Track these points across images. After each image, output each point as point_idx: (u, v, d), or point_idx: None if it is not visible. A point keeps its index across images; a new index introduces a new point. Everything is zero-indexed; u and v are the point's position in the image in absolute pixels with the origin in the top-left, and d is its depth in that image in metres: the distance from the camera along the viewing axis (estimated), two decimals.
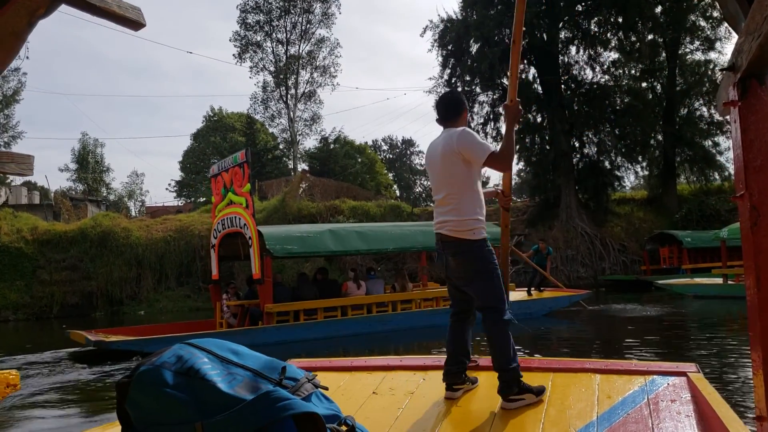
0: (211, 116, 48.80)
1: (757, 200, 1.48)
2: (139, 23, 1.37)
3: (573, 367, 3.16)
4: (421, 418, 2.65)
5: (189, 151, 47.51)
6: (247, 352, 1.43)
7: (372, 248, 12.54)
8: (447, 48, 26.18)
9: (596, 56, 24.97)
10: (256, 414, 1.22)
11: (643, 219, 24.63)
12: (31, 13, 1.27)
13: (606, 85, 24.97)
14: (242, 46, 37.85)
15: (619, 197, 27.53)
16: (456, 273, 2.97)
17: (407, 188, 62.08)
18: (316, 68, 39.20)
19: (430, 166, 3.08)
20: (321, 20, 37.98)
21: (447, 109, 3.08)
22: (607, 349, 8.63)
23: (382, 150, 62.25)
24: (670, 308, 13.57)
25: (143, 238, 22.45)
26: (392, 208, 25.71)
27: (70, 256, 21.69)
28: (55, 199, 31.06)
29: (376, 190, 36.32)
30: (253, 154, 42.42)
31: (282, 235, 11.17)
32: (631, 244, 23.26)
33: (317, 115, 41.14)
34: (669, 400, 2.58)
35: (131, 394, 1.31)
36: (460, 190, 2.90)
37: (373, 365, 3.45)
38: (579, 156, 25.79)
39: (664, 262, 20.91)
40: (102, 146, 46.14)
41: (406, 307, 11.61)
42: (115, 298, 21.46)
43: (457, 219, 2.88)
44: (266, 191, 31.77)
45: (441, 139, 3.01)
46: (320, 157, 38.95)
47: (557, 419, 2.53)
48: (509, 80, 3.31)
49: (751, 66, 1.43)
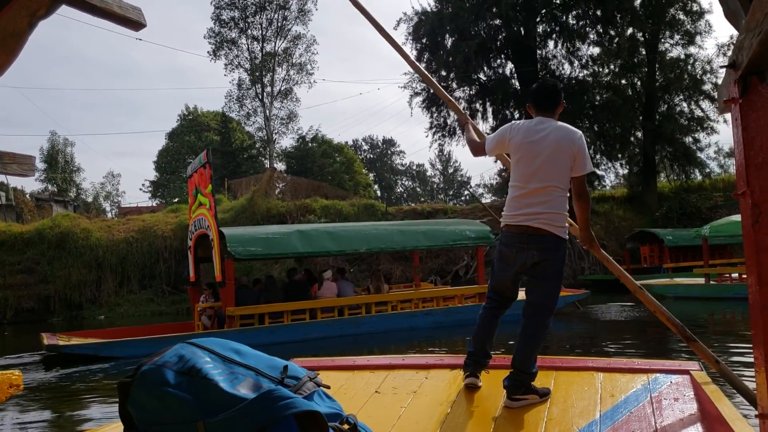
0: (186, 115, 48.89)
1: (759, 198, 1.52)
2: (140, 23, 1.42)
3: (576, 366, 3.26)
4: (423, 417, 2.70)
5: (164, 150, 47.57)
6: (249, 351, 1.49)
7: (344, 249, 12.52)
8: (421, 41, 26.29)
9: (574, 50, 25.34)
10: (258, 413, 1.28)
11: (623, 217, 25.06)
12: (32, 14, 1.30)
13: (584, 80, 25.35)
14: (217, 43, 37.93)
15: (599, 195, 27.94)
16: (537, 268, 2.95)
17: (388, 188, 63.01)
18: (293, 65, 39.34)
19: (528, 149, 3.00)
20: (297, 17, 38.16)
21: (550, 97, 3.15)
22: (599, 352, 8.80)
23: (363, 150, 63.09)
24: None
25: (104, 239, 22.11)
26: (366, 207, 25.75)
27: (26, 258, 21.26)
28: (16, 198, 30.29)
29: (354, 190, 36.51)
30: (229, 153, 42.96)
31: (245, 236, 11.22)
32: (610, 242, 23.60)
33: (294, 113, 41.28)
34: (672, 398, 2.66)
35: (133, 393, 1.37)
36: (564, 185, 2.97)
37: (375, 364, 3.53)
38: None
39: (645, 261, 21.18)
40: (72, 145, 45.77)
41: (381, 309, 11.60)
42: (74, 302, 21.11)
43: (553, 212, 2.92)
44: (236, 190, 31.59)
45: (552, 128, 3.02)
46: (297, 156, 39.14)
47: (560, 418, 2.60)
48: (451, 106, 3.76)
49: (751, 63, 1.47)
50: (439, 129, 27.15)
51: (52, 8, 1.33)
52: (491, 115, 26.65)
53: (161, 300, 21.55)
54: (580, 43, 25.04)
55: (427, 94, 26.85)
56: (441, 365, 3.44)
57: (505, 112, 25.95)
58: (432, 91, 26.80)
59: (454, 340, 10.23)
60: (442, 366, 3.42)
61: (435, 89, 4.19)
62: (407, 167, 66.41)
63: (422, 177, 67.21)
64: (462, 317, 11.51)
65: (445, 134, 27.20)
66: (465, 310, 11.67)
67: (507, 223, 3.03)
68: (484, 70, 26.40)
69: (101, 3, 1.30)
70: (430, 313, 11.78)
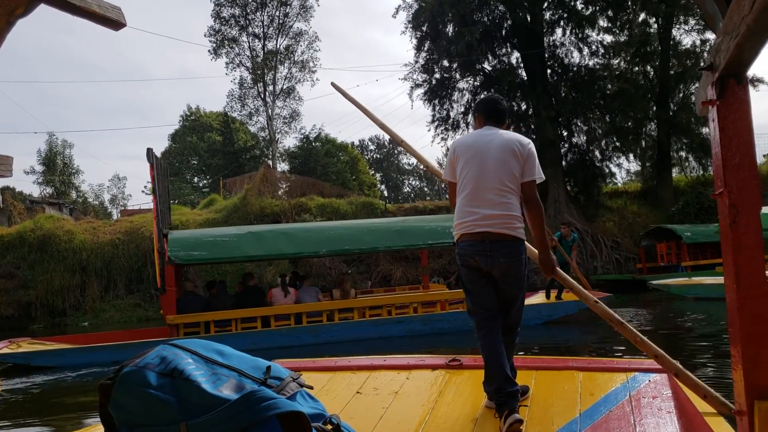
0: (188, 115, 50.12)
1: (736, 198, 1.64)
2: (120, 23, 1.47)
3: (556, 366, 3.43)
4: (405, 418, 2.84)
5: (166, 152, 48.54)
6: (232, 352, 1.55)
7: (300, 251, 11.86)
8: (421, 29, 26.32)
9: (584, 37, 25.34)
10: (241, 413, 1.34)
11: (637, 213, 25.03)
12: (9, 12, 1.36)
13: (595, 68, 25.37)
14: (217, 42, 38.70)
15: (612, 190, 27.95)
16: (506, 278, 2.98)
17: (395, 188, 64.12)
18: (295, 63, 40.14)
19: (474, 154, 3.08)
20: (299, 13, 38.89)
21: (501, 112, 3.29)
22: (590, 352, 8.84)
23: (369, 150, 64.23)
24: (668, 311, 13.37)
25: (88, 241, 22.17)
26: (364, 205, 25.82)
27: (5, 262, 21.35)
28: (4, 200, 30.42)
29: (359, 190, 37.01)
30: (231, 153, 43.98)
31: (190, 240, 11.12)
32: (624, 240, 23.61)
33: (296, 112, 42.40)
34: (650, 397, 2.81)
35: (114, 395, 1.43)
36: (515, 189, 3.02)
37: (357, 365, 3.68)
38: (567, 146, 26.18)
39: (661, 259, 20.97)
40: (71, 147, 46.63)
41: (346, 317, 11.16)
42: (57, 308, 21.19)
43: (509, 214, 2.97)
44: (230, 189, 31.82)
45: (499, 134, 3.13)
46: (301, 156, 39.80)
47: (540, 417, 2.74)
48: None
49: (728, 65, 1.57)
50: (441, 122, 27.15)
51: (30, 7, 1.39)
52: None
53: (149, 305, 21.59)
54: (589, 30, 25.05)
55: (429, 86, 26.89)
56: (422, 366, 3.60)
57: (511, 104, 25.94)
58: (434, 83, 26.89)
59: (429, 350, 9.54)
60: (423, 366, 3.58)
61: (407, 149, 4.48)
62: (414, 167, 66.91)
63: (429, 176, 67.60)
64: (444, 326, 10.99)
65: (448, 128, 27.12)
66: (448, 318, 11.08)
67: (463, 232, 3.04)
68: (488, 59, 26.42)
69: (81, 2, 1.36)
70: (404, 320, 11.12)
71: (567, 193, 24.76)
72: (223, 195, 31.11)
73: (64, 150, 46.12)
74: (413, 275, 21.00)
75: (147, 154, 10.94)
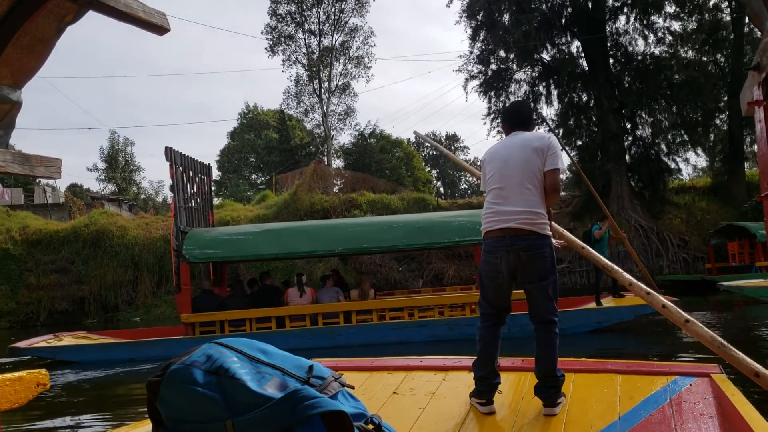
0: (245, 113, 52.58)
1: None
2: (164, 28, 1.57)
3: (594, 368, 3.43)
4: (442, 419, 2.91)
5: (225, 149, 51.43)
6: (276, 351, 1.62)
7: (315, 250, 11.54)
8: (476, 18, 26.14)
9: (650, 24, 24.72)
10: (285, 412, 1.40)
11: (706, 209, 24.34)
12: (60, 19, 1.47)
13: (661, 56, 24.71)
14: (274, 39, 40.02)
15: (678, 185, 27.26)
16: (527, 270, 3.14)
17: (452, 185, 65.11)
18: (350, 59, 41.22)
19: (498, 158, 3.31)
20: (354, 8, 39.87)
21: (526, 118, 3.47)
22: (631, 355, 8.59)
23: (425, 146, 64.52)
24: (742, 316, 12.83)
25: (141, 237, 22.85)
26: (416, 200, 25.86)
27: (60, 257, 22.18)
28: (65, 197, 32.10)
29: (413, 186, 37.37)
30: (287, 150, 45.28)
31: (206, 238, 11.20)
32: (692, 238, 23.03)
33: (351, 108, 43.42)
34: (692, 401, 2.80)
35: (162, 392, 1.51)
36: (539, 183, 3.20)
37: (393, 365, 3.75)
38: (631, 139, 25.59)
39: (733, 259, 20.38)
40: (132, 145, 49.31)
41: (364, 319, 10.89)
42: (109, 303, 21.91)
43: (531, 211, 3.14)
44: (282, 185, 32.43)
45: (519, 137, 3.32)
46: (355, 153, 40.55)
47: (579, 419, 2.78)
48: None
49: None
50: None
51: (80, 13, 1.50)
52: (556, 98, 26.32)
53: None
54: (656, 16, 24.44)
55: (484, 77, 26.69)
56: (459, 367, 3.66)
57: (572, 95, 25.54)
58: (490, 74, 26.68)
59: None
60: (460, 368, 3.64)
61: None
62: (471, 162, 66.70)
63: None
64: (473, 332, 10.11)
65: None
66: (476, 323, 10.20)
67: (487, 229, 3.25)
68: (547, 49, 26.05)
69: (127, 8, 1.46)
70: (427, 324, 10.59)
71: (631, 189, 24.27)
72: (275, 191, 31.73)
73: (126, 147, 48.94)
74: (467, 274, 20.90)
75: (165, 152, 11.24)
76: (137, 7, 1.48)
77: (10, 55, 1.68)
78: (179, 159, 11.49)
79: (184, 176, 11.73)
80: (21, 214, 24.74)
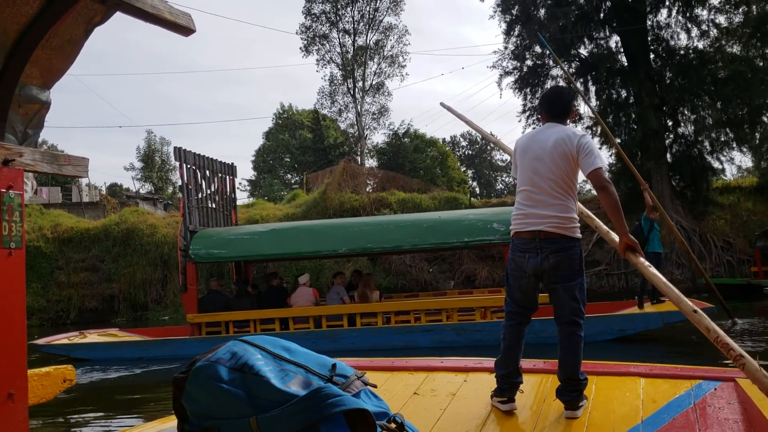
0: (280, 113, 53.80)
1: None
2: (189, 29, 1.62)
3: (617, 371, 3.45)
4: (463, 420, 2.94)
5: (260, 149, 52.69)
6: (299, 349, 1.66)
7: (319, 250, 11.47)
8: (511, 13, 25.98)
9: (693, 17, 24.29)
10: (309, 409, 1.43)
11: (752, 210, 23.85)
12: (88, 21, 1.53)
13: (705, 51, 24.27)
14: (308, 39, 40.69)
15: (723, 185, 26.74)
16: (555, 273, 3.19)
17: (488, 185, 65.34)
18: (384, 58, 41.70)
19: (530, 156, 3.34)
20: (389, 7, 40.28)
21: (562, 107, 3.49)
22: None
23: (461, 146, 65.67)
24: None
25: (170, 235, 23.14)
26: (448, 200, 25.79)
27: (91, 255, 22.64)
28: (99, 195, 32.95)
29: (448, 185, 37.46)
30: (320, 150, 45.65)
31: (212, 238, 11.34)
32: (737, 240, 22.58)
33: (385, 107, 43.99)
34: (716, 406, 2.78)
35: (187, 388, 1.55)
36: (570, 187, 3.26)
37: (414, 366, 3.80)
38: (672, 136, 25.18)
39: None
40: (168, 144, 50.74)
41: (369, 322, 10.70)
42: (139, 302, 22.27)
43: (562, 215, 3.20)
44: (312, 184, 32.73)
45: (552, 134, 3.33)
46: (389, 152, 40.96)
47: (602, 422, 2.79)
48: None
49: None
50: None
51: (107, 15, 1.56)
52: (594, 94, 25.98)
53: None
54: (699, 9, 24.00)
55: (519, 74, 26.51)
56: (480, 368, 3.69)
57: (610, 91, 25.21)
58: (525, 70, 26.50)
59: None
60: (481, 369, 3.68)
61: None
62: (507, 163, 66.52)
63: None
64: (483, 337, 9.73)
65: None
66: (488, 329, 9.70)
67: (517, 230, 3.32)
68: (584, 44, 25.77)
69: (153, 9, 1.51)
70: (434, 329, 10.26)
71: (672, 189, 23.89)
72: (306, 190, 31.99)
73: (162, 147, 50.10)
74: (500, 275, 20.75)
75: (174, 152, 11.58)
76: (163, 8, 1.53)
77: (40, 57, 1.76)
78: (192, 159, 11.75)
79: (198, 175, 11.96)
80: (54, 212, 25.30)
